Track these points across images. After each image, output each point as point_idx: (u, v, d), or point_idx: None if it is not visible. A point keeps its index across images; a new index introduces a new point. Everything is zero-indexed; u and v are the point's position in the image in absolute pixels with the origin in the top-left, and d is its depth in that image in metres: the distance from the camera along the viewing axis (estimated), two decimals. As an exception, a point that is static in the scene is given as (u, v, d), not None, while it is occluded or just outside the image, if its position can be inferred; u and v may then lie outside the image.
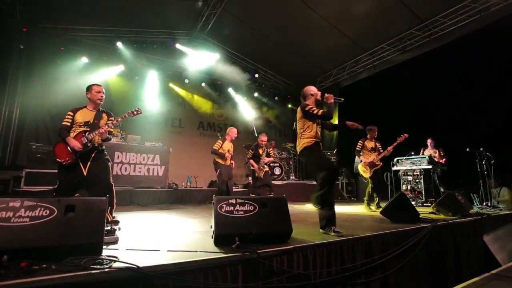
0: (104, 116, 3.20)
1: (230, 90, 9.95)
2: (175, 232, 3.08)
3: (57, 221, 1.77)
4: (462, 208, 4.29)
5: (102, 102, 3.23)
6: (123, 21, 7.54)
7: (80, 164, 2.96)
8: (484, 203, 5.46)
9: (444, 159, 6.53)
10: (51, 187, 5.28)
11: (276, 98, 10.57)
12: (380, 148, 5.48)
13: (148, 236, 2.79)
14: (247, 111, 10.21)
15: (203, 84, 9.54)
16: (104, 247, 2.00)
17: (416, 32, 7.44)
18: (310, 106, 3.23)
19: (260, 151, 5.85)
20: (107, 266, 1.61)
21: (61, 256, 1.64)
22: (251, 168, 5.87)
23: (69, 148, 2.94)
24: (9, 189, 4.93)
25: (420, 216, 3.74)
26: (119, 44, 7.72)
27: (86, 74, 7.54)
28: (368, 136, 5.52)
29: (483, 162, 5.48)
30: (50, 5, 6.54)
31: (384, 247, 2.89)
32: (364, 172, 5.40)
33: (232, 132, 5.75)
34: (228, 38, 8.69)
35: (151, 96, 8.52)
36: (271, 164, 7.62)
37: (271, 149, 8.15)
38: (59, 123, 3.14)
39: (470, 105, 7.17)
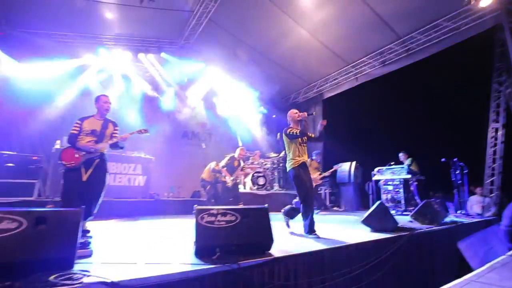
0: (110, 126, 3.37)
1: (216, 100, 9.96)
2: (154, 244, 3.00)
3: (25, 234, 1.68)
4: (438, 216, 4.44)
5: (108, 112, 3.42)
6: (107, 28, 7.45)
7: (82, 169, 3.10)
8: (459, 211, 5.68)
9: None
10: (24, 198, 5.04)
11: (260, 108, 10.66)
12: (320, 169, 7.06)
13: (125, 249, 2.70)
14: (231, 120, 10.24)
15: (187, 93, 9.49)
16: (78, 261, 1.92)
17: (395, 47, 7.80)
18: (290, 129, 3.70)
19: (235, 163, 6.04)
20: (78, 281, 1.54)
21: (29, 272, 1.55)
22: (219, 178, 5.97)
23: (76, 154, 3.10)
24: (-23, 200, 4.64)
25: (398, 225, 3.84)
26: (101, 51, 7.57)
27: (66, 80, 7.34)
28: (314, 158, 6.91)
29: (457, 172, 5.73)
30: (26, 9, 6.38)
31: (364, 255, 2.94)
32: None
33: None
34: (214, 49, 8.74)
35: (134, 105, 8.37)
36: (255, 174, 7.63)
37: (256, 157, 8.19)
38: (33, 130, 3.12)
39: (445, 118, 7.55)
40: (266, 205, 2.57)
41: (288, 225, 4.04)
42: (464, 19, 6.42)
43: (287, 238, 3.30)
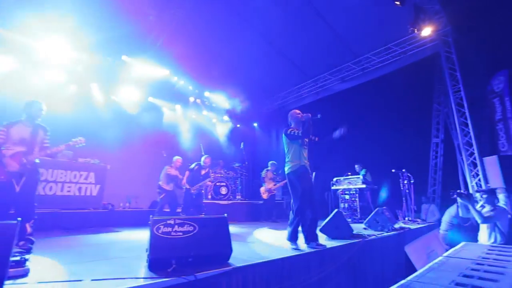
0: (41, 132, 3.21)
1: (178, 107, 9.75)
2: (104, 258, 2.78)
3: None
4: (388, 223, 4.78)
5: (39, 119, 3.27)
6: (62, 23, 6.90)
7: (14, 182, 2.90)
8: (406, 218, 6.18)
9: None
10: None
11: (224, 117, 10.67)
12: (277, 179, 7.57)
13: (70, 265, 2.45)
14: (194, 129, 10.09)
15: (150, 99, 9.15)
16: (9, 282, 1.70)
17: (352, 66, 8.42)
18: (290, 129, 3.49)
19: (202, 172, 5.98)
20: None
21: None
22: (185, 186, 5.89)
23: (5, 169, 2.89)
24: None
25: (353, 232, 4.04)
26: (52, 48, 6.95)
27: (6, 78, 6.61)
28: (269, 168, 7.46)
29: (405, 182, 6.26)
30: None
31: (321, 263, 3.03)
32: (263, 194, 7.13)
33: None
34: (180, 56, 8.60)
35: (90, 108, 7.83)
36: (217, 184, 7.54)
37: (218, 167, 8.11)
38: None
39: (395, 133, 8.24)
40: (225, 214, 2.54)
41: None
42: (410, 45, 7.19)
43: (247, 248, 3.29)
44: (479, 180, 5.71)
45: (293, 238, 3.32)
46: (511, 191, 5.10)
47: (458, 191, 3.85)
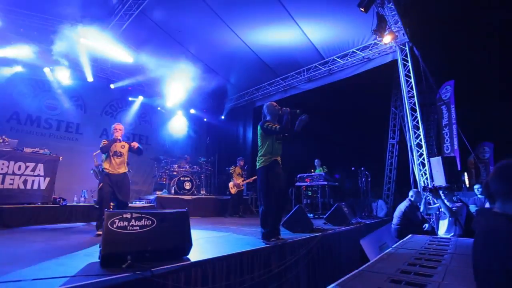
0: None
1: (141, 98, 9.29)
2: (51, 256, 2.55)
3: None
4: (346, 218, 5.05)
5: None
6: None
7: None
8: (363, 213, 6.58)
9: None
10: None
11: (192, 111, 10.42)
12: (244, 175, 7.67)
13: (7, 265, 2.21)
14: (159, 121, 9.71)
15: (112, 86, 8.58)
16: None
17: (319, 66, 8.68)
18: (268, 122, 3.38)
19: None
20: None
21: None
22: None
23: None
24: None
25: (314, 227, 4.21)
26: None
27: None
28: (238, 164, 7.61)
29: (363, 179, 6.66)
30: None
31: (281, 256, 3.10)
32: (231, 189, 7.26)
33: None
34: (144, 42, 8.17)
35: (40, 94, 7.13)
36: (181, 178, 7.30)
37: (183, 162, 7.85)
38: None
39: (357, 132, 8.73)
40: (186, 208, 2.48)
41: None
42: (372, 51, 7.61)
43: (207, 242, 3.25)
44: (427, 178, 6.26)
45: (270, 236, 3.22)
46: (451, 188, 5.68)
47: (429, 187, 4.13)
